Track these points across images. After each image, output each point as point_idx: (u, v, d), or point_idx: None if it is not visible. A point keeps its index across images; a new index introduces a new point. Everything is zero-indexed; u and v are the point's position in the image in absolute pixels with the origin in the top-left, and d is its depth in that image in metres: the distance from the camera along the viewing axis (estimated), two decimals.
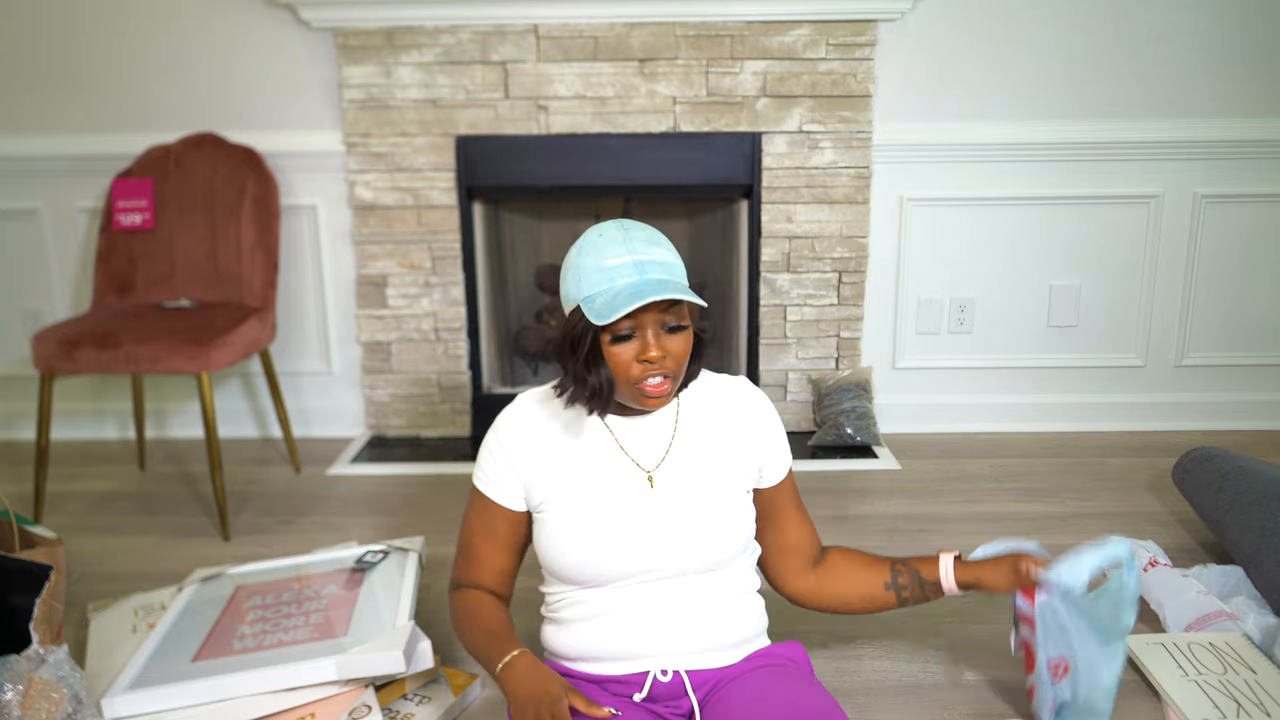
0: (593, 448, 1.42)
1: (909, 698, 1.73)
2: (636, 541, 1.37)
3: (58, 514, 2.58)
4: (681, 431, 1.45)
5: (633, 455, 1.42)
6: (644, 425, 1.44)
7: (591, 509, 1.39)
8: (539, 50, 2.76)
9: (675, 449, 1.43)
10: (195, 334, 2.39)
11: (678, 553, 1.38)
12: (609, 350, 1.32)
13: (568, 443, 1.43)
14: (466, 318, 2.96)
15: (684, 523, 1.39)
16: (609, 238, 1.33)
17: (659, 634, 1.38)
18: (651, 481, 1.41)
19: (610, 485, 1.40)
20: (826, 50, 2.76)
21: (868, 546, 2.28)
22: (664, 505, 1.40)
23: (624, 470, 1.41)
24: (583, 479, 1.41)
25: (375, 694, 1.62)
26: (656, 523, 1.38)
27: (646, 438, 1.43)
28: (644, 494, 1.40)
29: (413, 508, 2.56)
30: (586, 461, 1.42)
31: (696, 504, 1.40)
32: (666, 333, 1.33)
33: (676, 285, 1.31)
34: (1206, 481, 2.19)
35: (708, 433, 1.45)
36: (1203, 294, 2.95)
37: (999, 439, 2.97)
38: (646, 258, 1.32)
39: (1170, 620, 1.87)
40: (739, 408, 1.49)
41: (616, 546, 1.37)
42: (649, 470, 1.42)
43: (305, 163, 2.90)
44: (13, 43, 2.88)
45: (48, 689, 1.51)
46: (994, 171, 2.88)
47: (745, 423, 1.48)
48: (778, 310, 2.93)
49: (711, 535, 1.39)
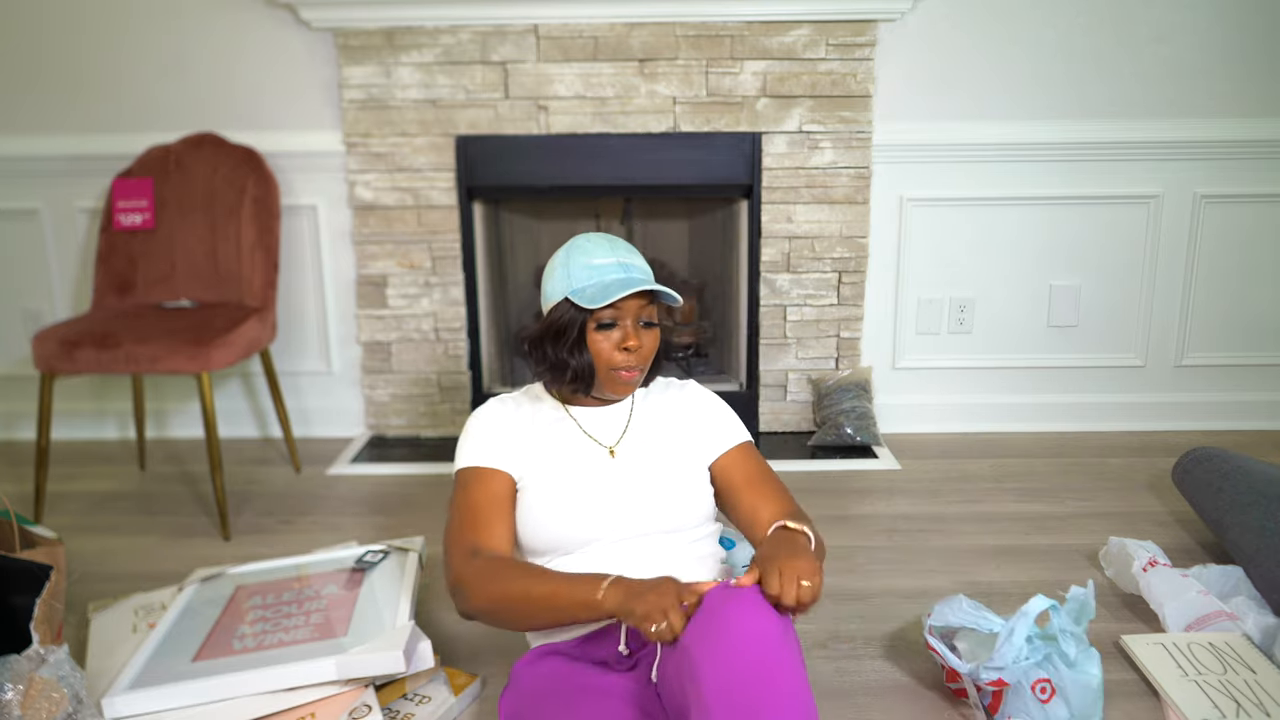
0: (559, 432, 1.60)
1: (909, 698, 1.73)
2: (603, 505, 1.52)
3: (58, 514, 2.58)
4: (637, 417, 1.63)
5: (594, 436, 1.60)
6: (603, 413, 1.63)
7: (561, 481, 1.54)
8: (539, 50, 2.76)
9: (632, 428, 1.62)
10: (195, 334, 2.39)
11: (639, 513, 1.52)
12: (593, 337, 1.52)
13: (536, 430, 1.60)
14: (466, 318, 2.96)
15: (643, 486, 1.54)
16: (595, 242, 1.56)
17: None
18: (613, 454, 1.58)
19: (576, 460, 1.57)
20: (826, 50, 2.76)
21: (867, 546, 2.29)
22: (624, 472, 1.56)
23: (587, 448, 1.59)
24: (551, 458, 1.57)
25: (375, 694, 1.62)
26: (619, 487, 1.54)
27: (605, 422, 1.62)
28: (606, 464, 1.57)
29: (413, 508, 2.56)
30: (553, 444, 1.58)
31: (653, 470, 1.56)
32: (643, 327, 1.54)
33: (659, 282, 1.53)
34: (1206, 481, 2.19)
35: (659, 418, 1.64)
36: (1203, 294, 2.95)
37: (999, 439, 2.97)
38: (629, 260, 1.55)
39: (1170, 620, 1.87)
40: (684, 398, 1.69)
41: (586, 511, 1.51)
42: (609, 445, 1.59)
43: (305, 163, 2.90)
44: (13, 43, 2.89)
45: (48, 689, 1.51)
46: (994, 171, 2.88)
47: (690, 406, 1.67)
48: (778, 310, 2.94)
49: (668, 497, 1.54)
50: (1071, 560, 2.22)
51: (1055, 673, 1.57)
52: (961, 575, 2.16)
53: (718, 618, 1.24)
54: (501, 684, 1.79)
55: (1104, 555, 2.13)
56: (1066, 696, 1.56)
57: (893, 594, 2.08)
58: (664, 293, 1.54)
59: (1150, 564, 1.98)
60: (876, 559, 2.24)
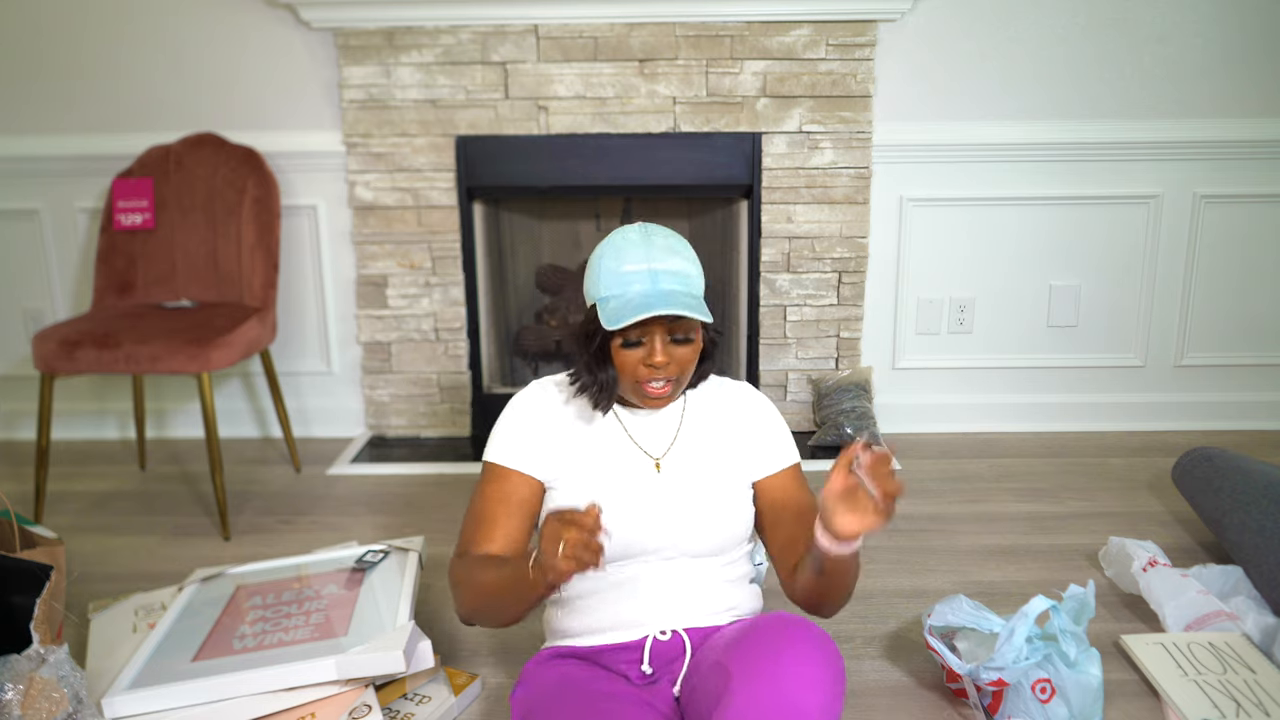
0: (603, 435, 1.49)
1: (909, 698, 1.73)
2: (643, 522, 1.42)
3: (58, 514, 2.58)
4: (687, 425, 1.51)
5: (641, 444, 1.49)
6: (652, 418, 1.51)
7: (600, 490, 1.44)
8: (539, 50, 2.76)
9: (681, 439, 1.50)
10: (195, 334, 2.39)
11: (681, 535, 1.43)
12: (617, 352, 1.39)
13: (580, 427, 1.49)
14: (466, 318, 2.97)
15: (689, 505, 1.44)
16: (630, 241, 1.39)
17: (658, 604, 1.43)
18: (659, 467, 1.47)
19: (619, 469, 1.46)
20: (826, 50, 2.76)
21: (867, 546, 2.29)
22: (670, 489, 1.45)
23: (632, 457, 1.48)
24: (592, 462, 1.47)
25: (375, 694, 1.62)
26: (662, 505, 1.44)
27: (654, 430, 1.50)
28: (651, 477, 1.46)
29: (413, 508, 2.57)
30: (596, 446, 1.48)
31: (701, 489, 1.46)
32: (673, 343, 1.39)
33: (687, 299, 1.35)
34: (1206, 481, 2.19)
35: (712, 427, 1.52)
36: (1202, 294, 2.95)
37: (999, 439, 2.97)
38: (663, 267, 1.37)
39: (1170, 620, 1.87)
40: (741, 406, 1.56)
41: (623, 527, 1.41)
42: (656, 457, 1.48)
43: (305, 163, 2.90)
44: (13, 43, 2.89)
45: (48, 689, 1.51)
46: (994, 171, 2.88)
47: (746, 418, 1.54)
48: (778, 310, 2.94)
49: (714, 519, 1.45)
50: (1071, 560, 2.22)
51: (1055, 673, 1.57)
52: (961, 575, 2.16)
53: (768, 653, 1.20)
54: (501, 684, 1.79)
55: (1104, 555, 2.13)
56: (1066, 696, 1.56)
57: (893, 594, 2.08)
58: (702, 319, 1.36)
59: (1150, 564, 1.98)
60: (876, 559, 2.24)
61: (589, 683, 1.36)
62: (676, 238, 1.43)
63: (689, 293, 1.38)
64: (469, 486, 2.68)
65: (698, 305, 1.36)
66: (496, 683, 1.80)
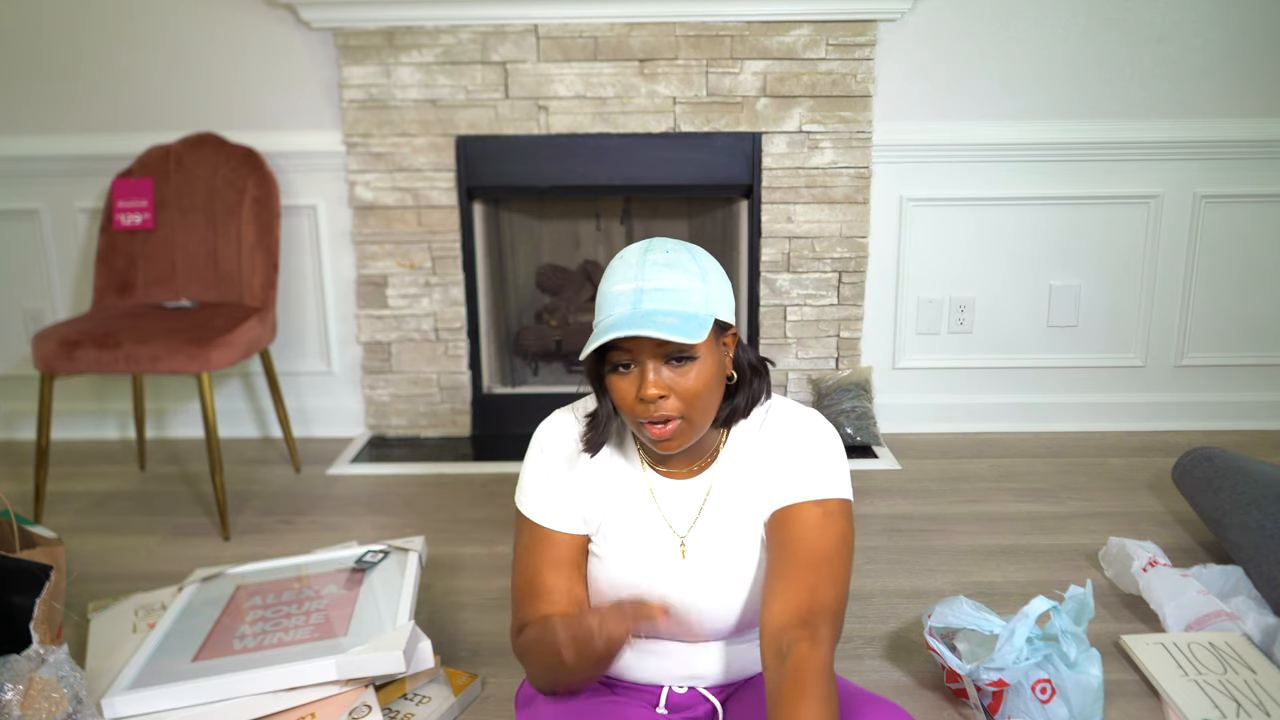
0: (633, 503, 1.30)
1: (909, 698, 1.73)
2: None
3: (58, 514, 2.58)
4: (720, 485, 1.28)
5: (668, 518, 1.29)
6: (681, 486, 1.29)
7: (627, 573, 1.28)
8: (539, 50, 2.76)
9: (709, 508, 1.28)
10: (195, 334, 2.39)
11: (708, 623, 1.28)
12: (610, 381, 1.20)
13: (611, 488, 1.30)
14: (466, 318, 2.96)
15: (711, 592, 1.27)
16: (626, 260, 1.20)
17: (672, 668, 1.33)
18: (684, 551, 1.28)
19: (645, 550, 1.28)
20: (826, 50, 2.76)
21: (867, 546, 2.29)
22: (693, 574, 1.27)
23: (659, 534, 1.29)
24: (622, 538, 1.29)
25: (375, 694, 1.62)
26: (685, 590, 1.26)
27: (683, 498, 1.29)
28: (674, 564, 1.27)
29: (413, 508, 2.56)
30: (626, 518, 1.30)
31: (724, 572, 1.26)
32: (671, 364, 1.17)
33: (665, 317, 1.14)
34: (1206, 481, 2.19)
35: (745, 482, 1.28)
36: (1202, 294, 2.95)
37: (999, 439, 2.97)
38: (653, 284, 1.16)
39: (1170, 620, 1.87)
40: (772, 445, 1.27)
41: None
42: (681, 535, 1.28)
43: (305, 163, 2.90)
44: (13, 43, 2.89)
45: (48, 689, 1.51)
46: (994, 171, 2.88)
47: (774, 458, 1.26)
48: (778, 310, 2.93)
49: (738, 604, 1.27)
50: (1071, 560, 2.22)
51: (1055, 673, 1.57)
52: (961, 575, 2.16)
53: None
54: (501, 684, 1.79)
55: (1104, 555, 2.13)
56: (1067, 697, 1.56)
57: (893, 594, 2.08)
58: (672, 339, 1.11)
59: (1150, 564, 1.98)
60: (876, 559, 2.24)
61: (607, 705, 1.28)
62: (684, 250, 1.21)
63: (675, 309, 1.15)
64: (469, 486, 2.68)
65: (680, 324, 1.13)
66: (496, 683, 1.80)
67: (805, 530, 1.21)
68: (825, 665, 1.09)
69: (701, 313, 1.17)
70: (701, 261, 1.21)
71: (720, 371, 1.21)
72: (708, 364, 1.18)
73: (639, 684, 1.36)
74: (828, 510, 1.22)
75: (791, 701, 1.05)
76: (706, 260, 1.22)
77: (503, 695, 1.76)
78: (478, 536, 2.38)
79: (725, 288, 1.23)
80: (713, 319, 1.17)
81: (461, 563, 2.26)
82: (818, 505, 1.22)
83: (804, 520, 1.21)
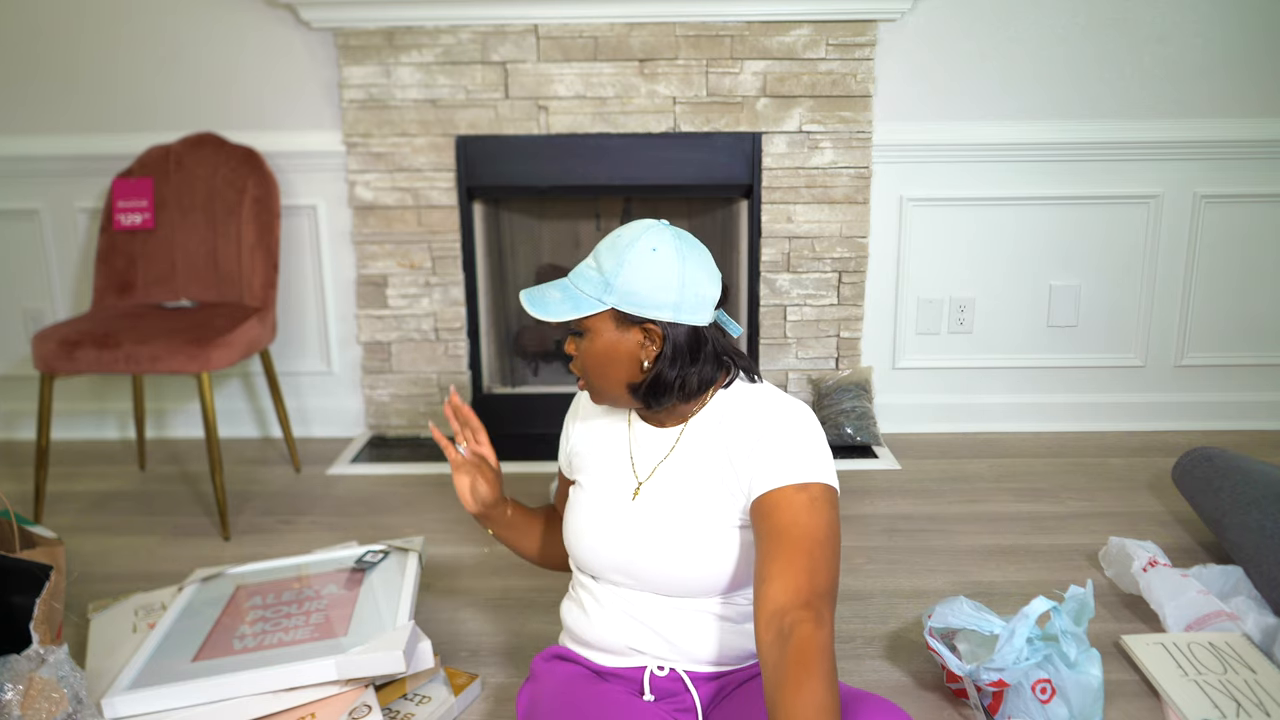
0: (610, 445, 1.44)
1: (909, 698, 1.73)
2: (611, 551, 1.36)
3: (58, 514, 2.58)
4: (682, 446, 1.36)
5: (635, 458, 1.40)
6: (656, 433, 1.40)
7: (590, 500, 1.42)
8: (539, 50, 2.76)
9: (670, 463, 1.36)
10: (195, 334, 2.39)
11: (647, 573, 1.34)
12: None
13: (600, 433, 1.47)
14: (466, 318, 2.96)
15: (657, 543, 1.33)
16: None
17: (647, 638, 1.37)
18: (636, 493, 1.37)
19: (605, 490, 1.41)
20: (826, 50, 2.76)
21: (867, 546, 2.29)
22: (641, 521, 1.35)
23: (620, 478, 1.40)
24: (598, 464, 1.44)
25: (375, 694, 1.62)
26: (631, 537, 1.35)
27: (653, 446, 1.39)
28: (625, 507, 1.37)
29: (413, 508, 2.56)
30: (601, 458, 1.44)
31: (673, 526, 1.32)
32: (572, 334, 1.35)
33: (552, 291, 1.33)
34: (1206, 481, 2.19)
35: (708, 447, 1.34)
36: (1202, 294, 2.95)
37: (999, 439, 2.97)
38: (587, 259, 1.33)
39: (1170, 620, 1.87)
40: (747, 422, 1.32)
41: (597, 546, 1.38)
42: (641, 480, 1.38)
43: (305, 163, 2.90)
44: (13, 43, 2.89)
45: (48, 689, 1.51)
46: (994, 171, 2.88)
47: (748, 436, 1.30)
48: (778, 310, 2.94)
49: (682, 561, 1.31)
50: (1071, 560, 2.22)
51: (1055, 673, 1.57)
52: (961, 575, 2.16)
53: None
54: (501, 684, 1.79)
55: (1104, 555, 2.13)
56: (1067, 697, 1.56)
57: (893, 594, 2.08)
58: (529, 310, 1.32)
59: (1150, 564, 1.98)
60: (876, 559, 2.24)
61: (602, 695, 1.32)
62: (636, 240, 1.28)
63: (569, 286, 1.31)
64: None
65: (558, 301, 1.30)
66: (496, 683, 1.80)
67: (795, 514, 1.21)
68: (828, 646, 1.10)
69: (586, 296, 1.29)
70: (631, 256, 1.28)
71: (617, 351, 1.31)
72: (597, 341, 1.31)
73: (622, 670, 1.39)
74: (813, 495, 1.23)
75: (797, 679, 1.07)
76: (644, 257, 1.28)
77: (503, 695, 1.76)
78: (478, 536, 2.38)
79: (651, 284, 1.27)
80: (600, 305, 1.28)
81: (461, 563, 2.26)
82: (801, 490, 1.23)
83: (791, 504, 1.22)
